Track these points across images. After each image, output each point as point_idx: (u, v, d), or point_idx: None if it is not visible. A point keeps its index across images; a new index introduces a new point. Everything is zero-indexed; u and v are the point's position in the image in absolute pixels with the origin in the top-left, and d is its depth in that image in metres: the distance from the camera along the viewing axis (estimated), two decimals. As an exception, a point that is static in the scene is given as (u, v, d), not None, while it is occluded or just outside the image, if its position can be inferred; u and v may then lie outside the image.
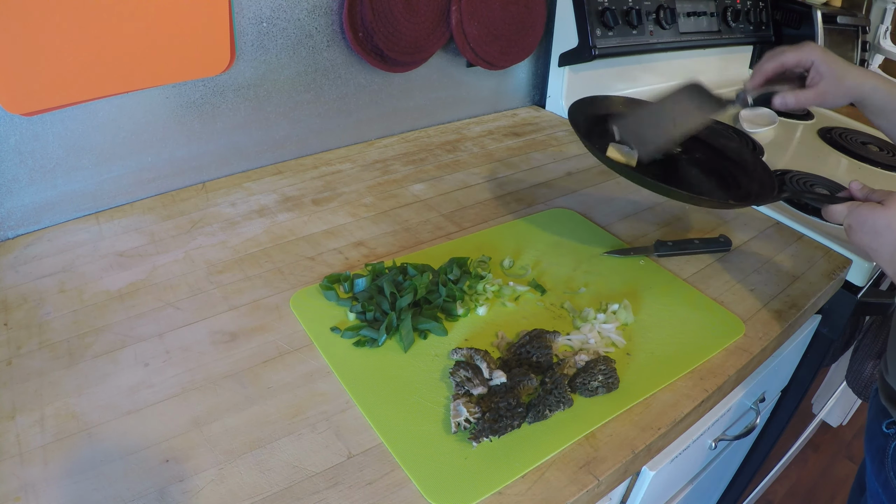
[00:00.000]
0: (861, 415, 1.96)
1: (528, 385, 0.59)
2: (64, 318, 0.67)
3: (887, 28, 1.77)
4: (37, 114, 0.75)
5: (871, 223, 0.63)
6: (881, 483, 0.73)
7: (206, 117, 0.92)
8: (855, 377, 1.05)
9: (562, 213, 0.93)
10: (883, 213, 0.62)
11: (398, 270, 0.74)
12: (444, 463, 0.53)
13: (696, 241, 0.85)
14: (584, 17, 1.15)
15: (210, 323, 0.68)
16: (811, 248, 0.89)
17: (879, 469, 0.73)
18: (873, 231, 0.63)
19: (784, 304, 0.77)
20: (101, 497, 0.49)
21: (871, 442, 0.76)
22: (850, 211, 0.65)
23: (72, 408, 0.56)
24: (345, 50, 1.01)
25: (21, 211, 0.80)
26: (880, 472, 0.73)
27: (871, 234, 0.63)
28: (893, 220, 0.61)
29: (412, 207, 0.93)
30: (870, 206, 0.64)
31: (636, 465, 0.59)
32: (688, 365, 0.66)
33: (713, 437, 0.82)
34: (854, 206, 0.65)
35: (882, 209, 0.62)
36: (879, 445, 0.74)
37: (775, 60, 0.78)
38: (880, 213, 0.62)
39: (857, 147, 1.27)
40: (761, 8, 1.45)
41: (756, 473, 1.27)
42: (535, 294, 0.75)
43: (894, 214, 0.61)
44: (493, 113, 1.31)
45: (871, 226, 0.63)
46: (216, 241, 0.82)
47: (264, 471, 0.52)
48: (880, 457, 0.74)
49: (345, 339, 0.66)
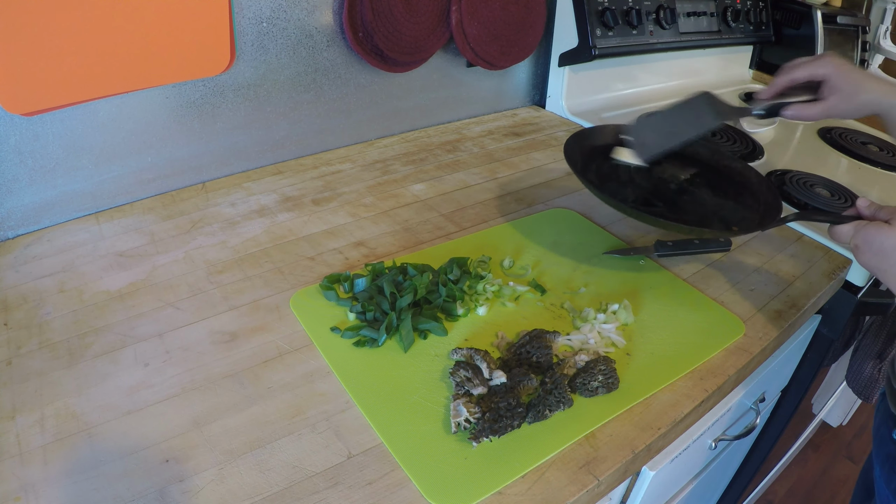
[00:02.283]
0: (861, 415, 1.96)
1: (528, 385, 0.59)
2: (64, 318, 0.67)
3: (887, 28, 1.77)
4: (37, 114, 0.75)
5: (878, 244, 0.60)
6: (892, 491, 0.72)
7: (206, 117, 0.92)
8: (855, 377, 1.05)
9: (562, 213, 0.93)
10: (890, 233, 0.60)
11: (398, 270, 0.74)
12: (444, 463, 0.53)
13: (696, 241, 0.85)
14: (584, 17, 1.15)
15: (210, 323, 0.68)
16: (811, 248, 0.89)
17: (890, 476, 0.73)
18: (881, 252, 0.60)
19: (784, 304, 0.77)
20: (101, 497, 0.49)
21: (880, 448, 0.75)
22: (856, 231, 0.63)
23: (72, 408, 0.56)
24: (345, 50, 1.01)
25: (21, 211, 0.80)
26: (891, 480, 0.72)
27: (879, 255, 0.61)
28: None
29: (412, 207, 0.93)
30: (877, 225, 0.61)
31: (636, 465, 0.59)
32: (688, 365, 0.66)
33: (713, 437, 0.82)
34: (861, 226, 0.62)
35: (889, 229, 0.60)
36: (889, 453, 0.73)
37: (787, 75, 0.76)
38: (887, 232, 0.60)
39: (857, 147, 1.27)
40: (761, 8, 1.45)
41: (756, 473, 1.27)
42: (535, 294, 0.75)
43: None
44: (493, 113, 1.31)
45: (878, 246, 0.60)
46: (216, 241, 0.82)
47: (264, 471, 0.52)
48: (890, 464, 0.73)
49: (345, 339, 0.66)
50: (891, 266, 0.60)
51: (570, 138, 0.88)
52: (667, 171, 0.91)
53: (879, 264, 0.61)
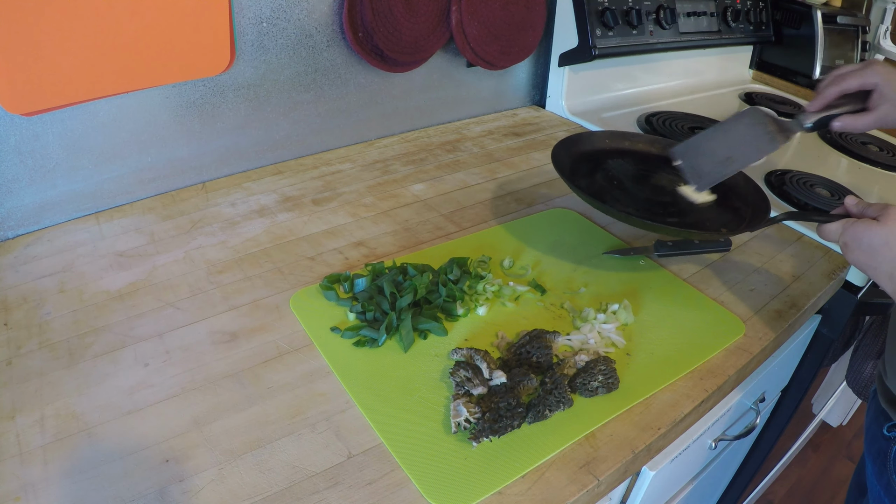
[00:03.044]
0: (861, 415, 1.96)
1: (528, 385, 0.59)
2: (64, 318, 0.67)
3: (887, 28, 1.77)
4: (37, 114, 0.75)
5: (867, 241, 0.60)
6: (883, 486, 0.73)
7: (206, 117, 0.92)
8: (855, 377, 1.05)
9: (562, 213, 0.93)
10: (879, 230, 0.60)
11: (398, 270, 0.74)
12: (444, 463, 0.53)
13: (696, 241, 0.85)
14: (584, 17, 1.15)
15: (210, 323, 0.68)
16: (811, 248, 0.89)
17: (881, 472, 0.73)
18: (870, 249, 0.60)
19: (784, 304, 0.77)
20: (101, 497, 0.49)
21: (872, 445, 0.76)
22: (844, 229, 0.63)
23: (72, 408, 0.56)
24: (345, 50, 1.01)
25: (21, 211, 0.80)
26: (882, 475, 0.73)
27: (867, 253, 0.61)
28: (890, 237, 0.59)
29: (412, 207, 0.93)
30: (865, 223, 0.61)
31: (636, 465, 0.59)
32: (688, 365, 0.66)
33: (713, 437, 0.82)
34: (849, 224, 0.63)
35: (878, 226, 0.60)
36: (880, 448, 0.74)
37: (837, 86, 0.75)
38: (876, 230, 0.60)
39: (856, 147, 1.27)
40: (761, 8, 1.45)
41: (756, 473, 1.27)
42: (535, 294, 0.75)
43: (890, 231, 0.59)
44: (493, 113, 1.31)
45: (867, 244, 0.60)
46: (216, 241, 0.82)
47: (264, 471, 0.52)
48: (882, 460, 0.73)
49: (345, 339, 0.66)
50: (879, 263, 0.60)
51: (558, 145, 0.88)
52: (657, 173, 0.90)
53: (868, 261, 0.61)
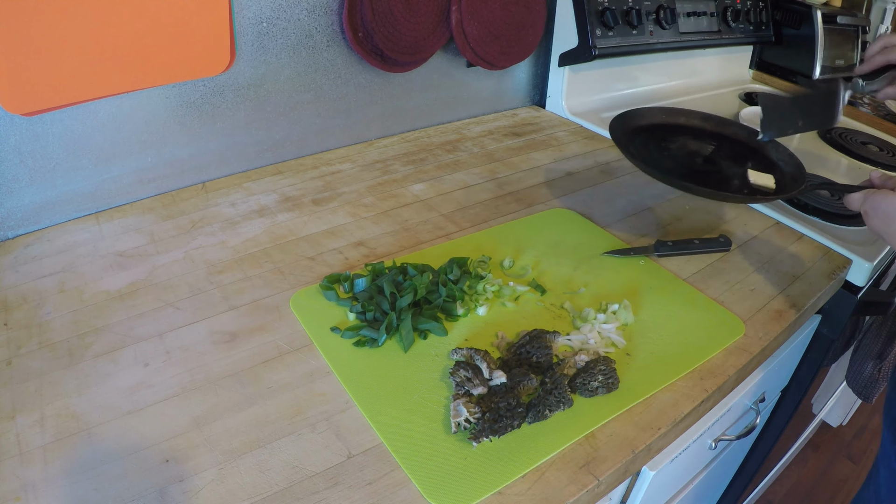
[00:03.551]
0: (861, 415, 1.96)
1: (528, 385, 0.59)
2: (64, 318, 0.67)
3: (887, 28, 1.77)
4: (37, 114, 0.75)
5: (884, 209, 0.66)
6: None
7: (206, 117, 0.92)
8: (855, 377, 1.05)
9: (562, 213, 0.93)
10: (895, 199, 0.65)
11: (398, 270, 0.74)
12: (444, 463, 0.53)
13: (696, 241, 0.85)
14: (584, 17, 1.15)
15: (210, 323, 0.68)
16: (811, 248, 0.89)
17: None
18: (886, 216, 0.66)
19: (784, 304, 0.77)
20: (101, 497, 0.49)
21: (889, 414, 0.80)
22: (865, 198, 0.69)
23: (72, 408, 0.56)
24: (345, 50, 1.01)
25: (21, 211, 0.80)
26: None
27: (884, 220, 0.66)
28: None
29: (412, 207, 0.93)
30: (884, 192, 0.67)
31: (636, 465, 0.59)
32: (688, 365, 0.66)
33: (713, 437, 0.82)
34: (870, 194, 0.69)
35: (894, 195, 0.66)
36: None
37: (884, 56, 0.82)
38: (892, 199, 0.66)
39: (857, 147, 1.27)
40: (761, 8, 1.45)
41: (756, 473, 1.27)
42: (535, 294, 0.75)
43: None
44: (493, 113, 1.31)
45: (884, 211, 0.66)
46: (216, 241, 0.82)
47: (264, 471, 0.52)
48: None
49: (345, 339, 0.66)
50: (894, 230, 0.66)
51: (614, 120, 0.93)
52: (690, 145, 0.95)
53: (885, 227, 0.67)
